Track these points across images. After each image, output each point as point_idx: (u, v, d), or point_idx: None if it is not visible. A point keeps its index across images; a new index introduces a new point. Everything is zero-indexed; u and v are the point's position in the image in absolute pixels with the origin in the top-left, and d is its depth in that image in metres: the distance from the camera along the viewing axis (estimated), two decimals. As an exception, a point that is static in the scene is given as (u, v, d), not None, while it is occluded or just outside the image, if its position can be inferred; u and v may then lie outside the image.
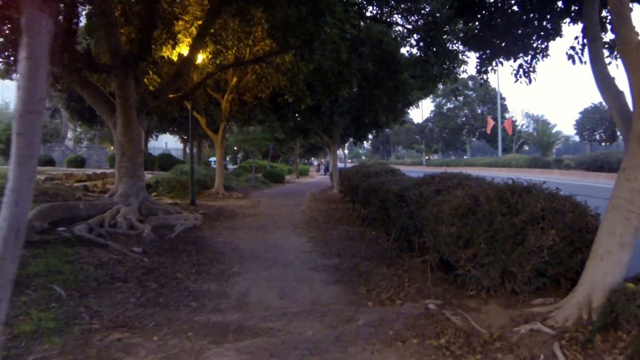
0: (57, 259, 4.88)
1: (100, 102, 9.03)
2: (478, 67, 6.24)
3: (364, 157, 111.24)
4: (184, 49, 10.10)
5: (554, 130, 40.28)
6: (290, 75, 11.79)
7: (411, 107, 14.71)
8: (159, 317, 3.71)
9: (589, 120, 40.46)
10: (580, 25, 5.38)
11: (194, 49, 9.26)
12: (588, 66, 4.05)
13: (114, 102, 8.60)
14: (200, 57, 11.44)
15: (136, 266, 5.36)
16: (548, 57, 6.21)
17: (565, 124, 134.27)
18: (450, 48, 9.19)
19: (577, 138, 49.68)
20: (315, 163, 57.99)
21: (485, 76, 6.44)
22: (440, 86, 16.49)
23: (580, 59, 5.52)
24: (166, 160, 25.29)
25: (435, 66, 9.65)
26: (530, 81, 6.53)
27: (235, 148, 40.18)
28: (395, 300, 4.20)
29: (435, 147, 69.48)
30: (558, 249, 3.49)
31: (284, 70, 11.59)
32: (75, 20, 8.27)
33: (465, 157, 67.06)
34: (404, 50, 11.80)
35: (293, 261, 5.83)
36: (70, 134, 51.38)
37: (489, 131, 44.47)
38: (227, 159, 53.66)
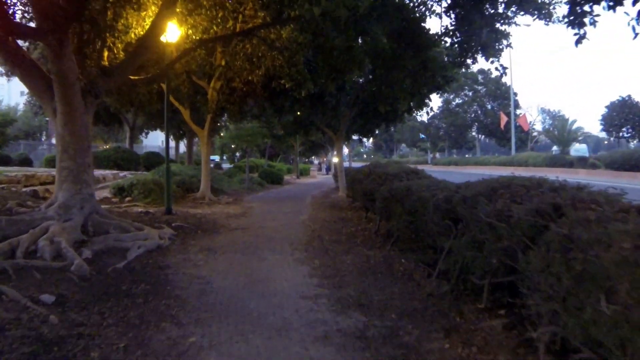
0: None
1: (36, 83, 6.89)
2: (570, 18, 4.12)
3: (365, 156, 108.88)
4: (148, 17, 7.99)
5: (574, 127, 38.05)
6: (288, 54, 9.68)
7: (443, 90, 12.25)
8: None
9: (617, 115, 38.03)
10: None
11: (162, 15, 7.15)
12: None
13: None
14: (177, 32, 9.32)
15: (30, 335, 3.27)
16: None
17: (584, 120, 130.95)
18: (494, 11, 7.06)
19: (599, 135, 47.41)
20: (316, 162, 55.82)
21: (581, 31, 4.33)
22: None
23: None
24: (152, 159, 23.22)
25: (474, 38, 7.53)
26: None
27: (233, 146, 38.08)
28: None
29: (442, 145, 67.32)
30: None
31: (279, 48, 9.47)
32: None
33: (469, 155, 65.02)
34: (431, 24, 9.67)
35: (289, 320, 3.71)
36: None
37: (502, 127, 42.27)
38: (224, 157, 51.63)
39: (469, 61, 8.08)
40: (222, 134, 38.16)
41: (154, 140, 47.03)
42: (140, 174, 16.55)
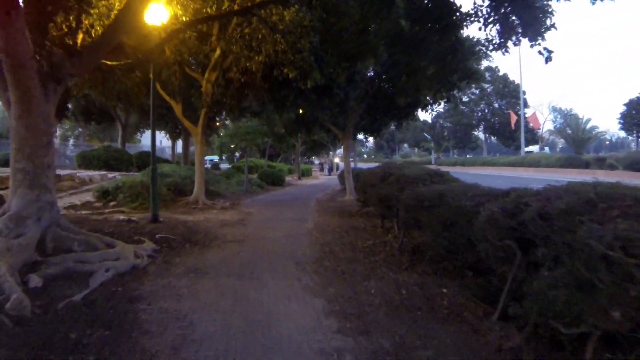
0: None
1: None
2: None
3: (365, 156, 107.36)
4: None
5: (588, 126, 36.72)
6: (292, 38, 8.47)
7: (476, 77, 10.61)
8: None
9: (637, 114, 36.59)
10: None
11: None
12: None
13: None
14: (164, 13, 8.12)
15: None
16: None
17: (599, 119, 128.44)
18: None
19: (616, 134, 46.02)
20: (317, 162, 54.42)
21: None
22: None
23: None
24: (146, 159, 21.99)
25: (512, 16, 6.32)
26: None
27: (233, 146, 36.83)
28: None
29: (446, 145, 66.03)
30: None
31: (282, 31, 8.27)
32: None
33: (470, 156, 63.72)
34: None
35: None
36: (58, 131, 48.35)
37: (512, 126, 40.99)
38: (223, 157, 50.45)
39: (509, 43, 6.87)
40: (220, 134, 37.00)
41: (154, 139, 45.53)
42: (132, 175, 15.37)
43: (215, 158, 51.50)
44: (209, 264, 5.65)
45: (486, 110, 49.57)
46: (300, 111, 17.82)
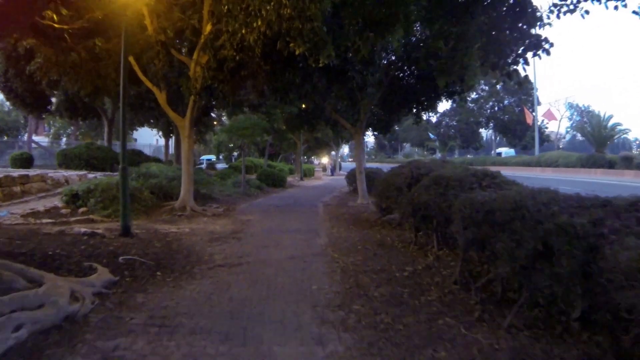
0: None
1: None
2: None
3: (366, 156, 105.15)
4: None
5: (610, 123, 34.87)
6: (300, 3, 6.68)
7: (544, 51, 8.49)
8: None
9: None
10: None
11: None
12: None
13: None
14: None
15: None
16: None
17: (620, 116, 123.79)
18: None
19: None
20: (316, 162, 52.28)
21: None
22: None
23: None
24: (133, 158, 20.19)
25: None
26: None
27: (231, 145, 34.97)
28: None
29: (452, 144, 64.22)
30: None
31: (289, -9, 6.47)
32: None
33: (470, 155, 61.97)
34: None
35: None
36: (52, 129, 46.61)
37: (529, 123, 39.22)
38: (221, 157, 48.65)
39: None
40: (218, 132, 35.14)
41: (148, 137, 43.58)
42: (115, 176, 13.58)
43: (213, 157, 49.70)
44: (184, 309, 3.86)
45: (496, 108, 47.73)
46: (304, 106, 16.13)
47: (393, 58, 10.60)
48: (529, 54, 5.84)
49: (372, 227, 8.46)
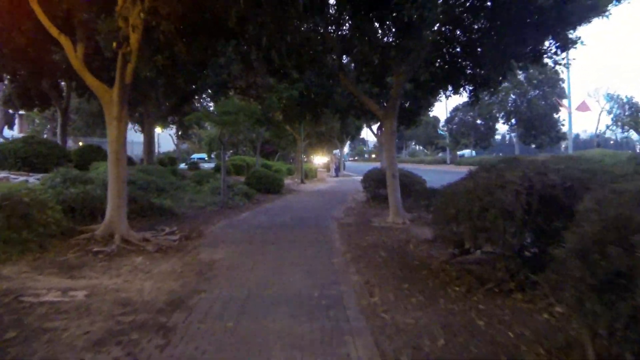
0: None
1: None
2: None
3: (366, 155, 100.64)
4: None
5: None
6: None
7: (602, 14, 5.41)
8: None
9: None
10: None
11: None
12: None
13: None
14: None
15: None
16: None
17: None
18: None
19: None
20: (316, 162, 47.80)
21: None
22: None
23: None
24: (88, 156, 16.21)
25: None
26: None
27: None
28: None
29: (465, 142, 60.11)
30: None
31: None
32: None
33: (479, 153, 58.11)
34: None
35: None
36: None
37: (565, 111, 35.20)
38: (212, 156, 44.34)
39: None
40: (204, 126, 30.90)
41: (131, 133, 39.18)
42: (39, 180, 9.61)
43: (204, 156, 45.67)
44: None
45: (518, 102, 43.61)
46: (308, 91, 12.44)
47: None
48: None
49: (445, 283, 4.47)
